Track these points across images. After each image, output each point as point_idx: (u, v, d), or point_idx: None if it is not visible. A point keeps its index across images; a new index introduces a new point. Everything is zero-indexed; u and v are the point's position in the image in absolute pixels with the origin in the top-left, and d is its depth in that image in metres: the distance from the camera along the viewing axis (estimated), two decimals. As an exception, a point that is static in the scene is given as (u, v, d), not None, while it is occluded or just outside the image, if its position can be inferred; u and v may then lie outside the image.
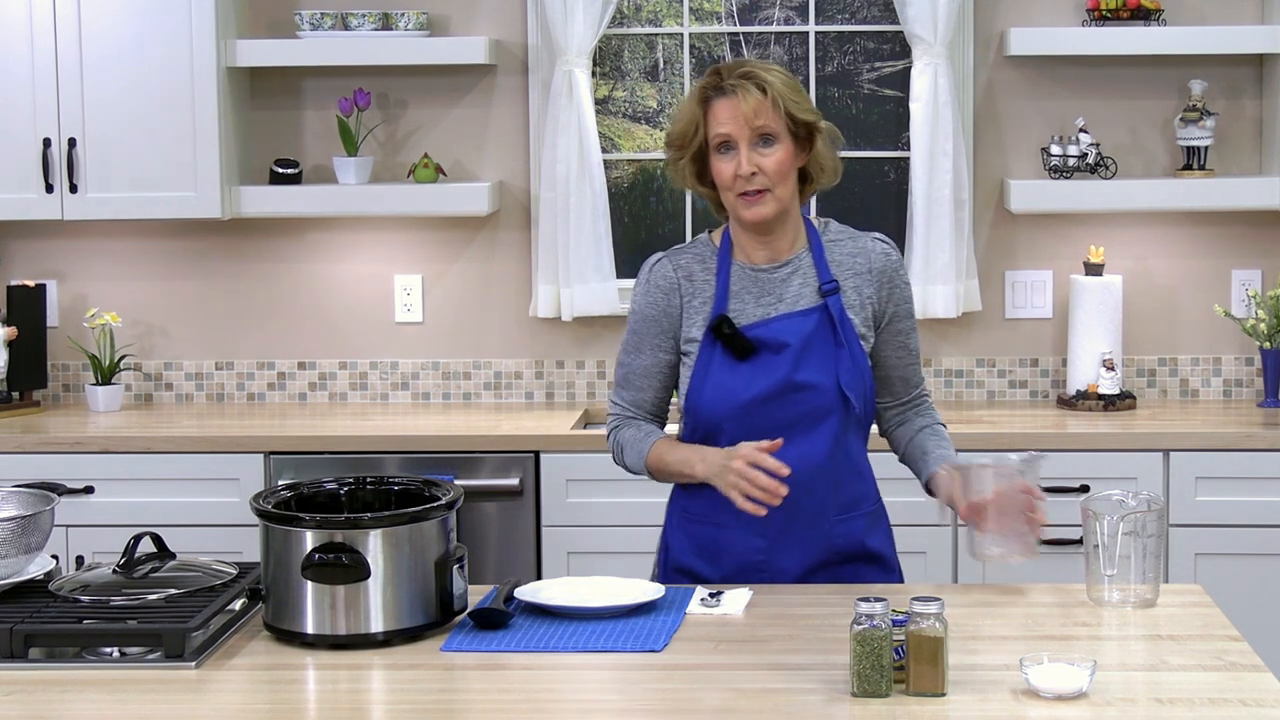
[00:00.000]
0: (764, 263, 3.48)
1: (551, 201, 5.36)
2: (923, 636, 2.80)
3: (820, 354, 3.43)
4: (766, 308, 3.46)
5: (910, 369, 3.58)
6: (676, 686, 2.88)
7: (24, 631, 3.01)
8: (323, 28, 5.35)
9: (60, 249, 5.59)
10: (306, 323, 5.59)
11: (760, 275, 3.48)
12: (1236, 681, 2.85)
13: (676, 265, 3.51)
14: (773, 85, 3.38)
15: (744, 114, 3.36)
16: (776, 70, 3.43)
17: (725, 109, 3.39)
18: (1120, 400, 5.25)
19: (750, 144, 3.38)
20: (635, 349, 3.54)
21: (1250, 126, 5.41)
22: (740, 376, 3.43)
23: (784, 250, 3.49)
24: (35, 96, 5.23)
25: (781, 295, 3.47)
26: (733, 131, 3.38)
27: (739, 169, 3.38)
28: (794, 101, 3.39)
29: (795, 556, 3.45)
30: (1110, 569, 3.22)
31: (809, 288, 3.47)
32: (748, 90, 3.37)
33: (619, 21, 5.51)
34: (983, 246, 5.47)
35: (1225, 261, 5.45)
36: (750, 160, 3.37)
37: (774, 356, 3.43)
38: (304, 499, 3.26)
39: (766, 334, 3.44)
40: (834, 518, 3.47)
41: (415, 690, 2.90)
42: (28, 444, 5.06)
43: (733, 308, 3.46)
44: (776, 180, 3.39)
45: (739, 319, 3.45)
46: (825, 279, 3.46)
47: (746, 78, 3.39)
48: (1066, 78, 5.41)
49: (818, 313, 3.45)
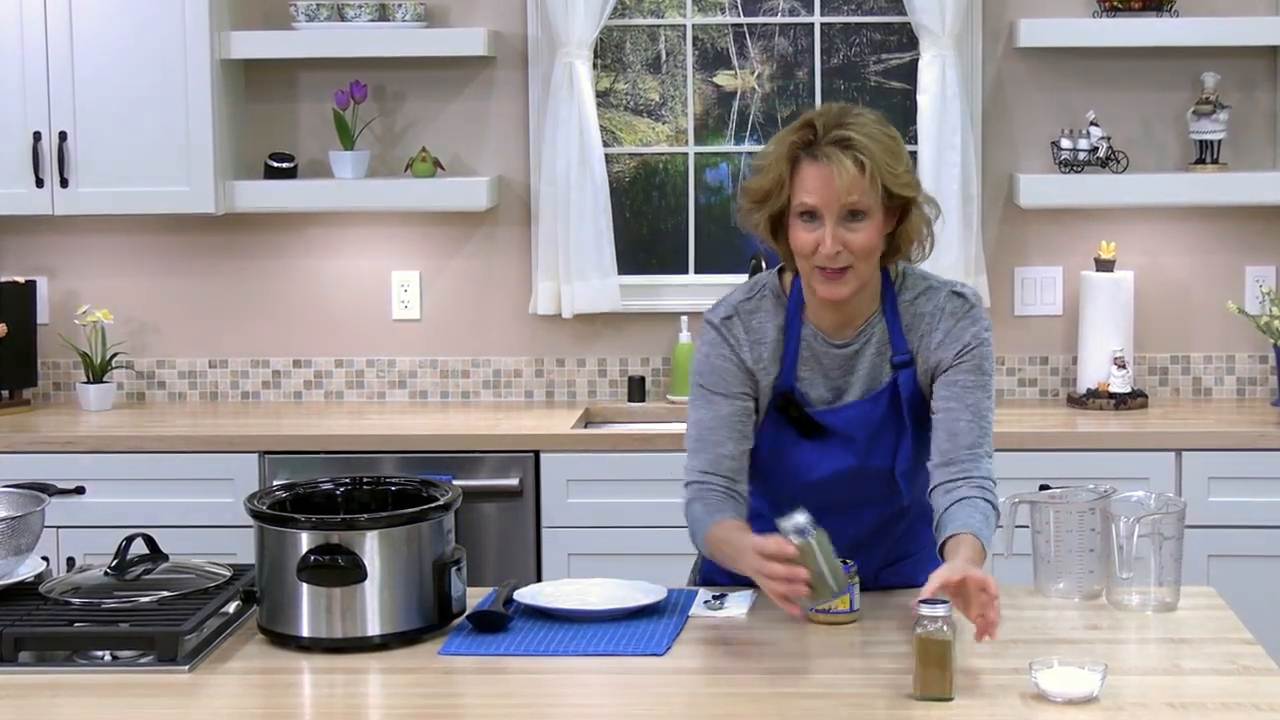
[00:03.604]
0: (835, 331, 3.26)
1: (552, 196, 5.36)
2: (930, 640, 2.79)
3: (887, 442, 3.27)
4: (837, 387, 3.27)
5: (965, 424, 3.20)
6: (679, 690, 2.88)
7: (14, 635, 3.00)
8: (319, 19, 5.35)
9: (51, 244, 5.58)
10: (302, 320, 5.59)
11: (832, 348, 3.27)
12: (1250, 686, 2.84)
13: (748, 326, 3.28)
14: (872, 156, 3.10)
15: (837, 191, 3.09)
16: (876, 130, 3.14)
17: (815, 178, 3.11)
18: (1132, 399, 5.24)
19: (839, 219, 3.11)
20: (707, 401, 3.27)
21: (1264, 120, 5.40)
22: (803, 456, 3.28)
23: (858, 317, 3.26)
24: (25, 89, 5.22)
25: (853, 368, 3.27)
26: (820, 205, 3.11)
27: (823, 246, 3.11)
28: (892, 174, 3.12)
29: None
30: (1126, 572, 3.20)
31: (882, 359, 3.26)
32: (843, 165, 3.09)
33: (620, 12, 5.51)
34: (991, 242, 5.46)
35: (1239, 257, 5.44)
36: (836, 238, 3.11)
37: (842, 443, 3.27)
38: (299, 499, 3.25)
39: (835, 423, 3.27)
40: (881, 565, 3.38)
41: (413, 694, 2.90)
42: (18, 443, 5.06)
43: (801, 377, 3.27)
44: (862, 258, 3.14)
45: (807, 392, 3.27)
46: (898, 350, 3.25)
47: (844, 146, 3.10)
48: (1077, 70, 5.40)
49: (887, 394, 3.26)
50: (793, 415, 3.25)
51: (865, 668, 2.97)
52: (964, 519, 3.12)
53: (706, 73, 5.53)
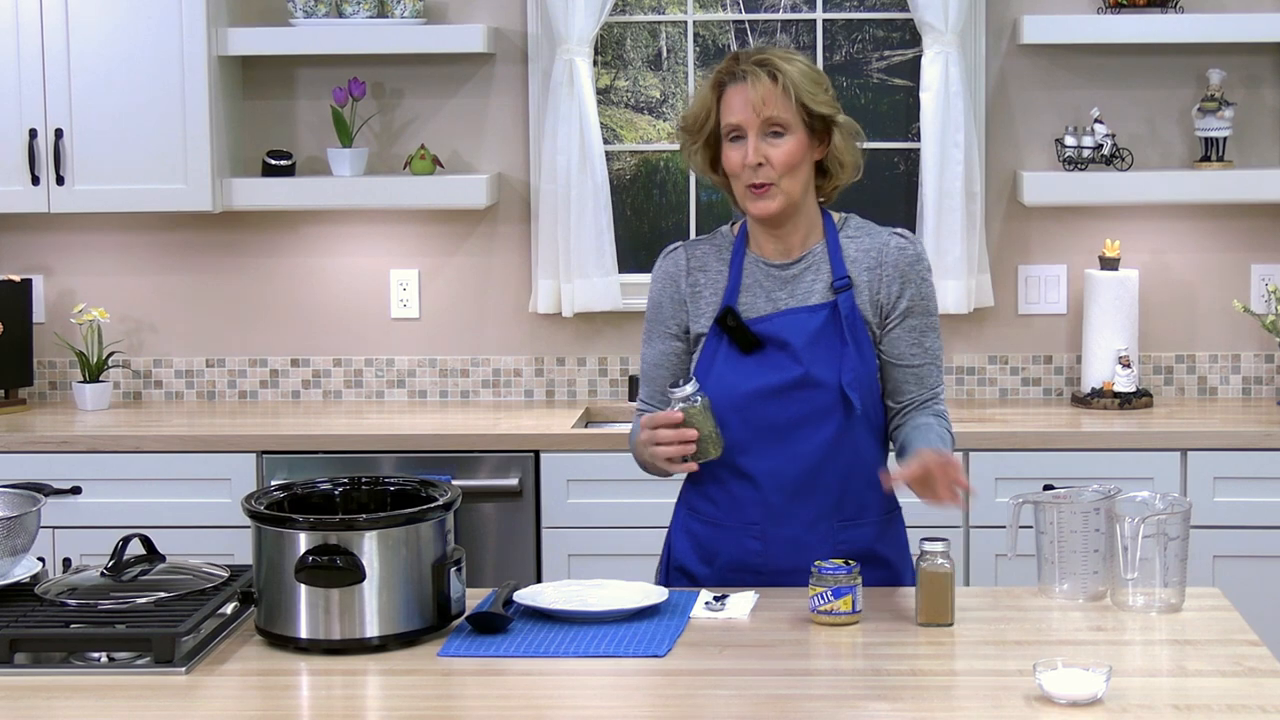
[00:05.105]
0: (776, 257, 3.45)
1: (552, 194, 5.35)
2: (933, 573, 3.12)
3: (826, 351, 3.39)
4: (776, 303, 3.43)
5: (925, 369, 3.44)
6: (680, 692, 2.88)
7: (9, 636, 2.99)
8: (317, 15, 5.35)
9: (47, 243, 5.58)
10: (300, 318, 5.58)
11: (772, 270, 3.44)
12: (1256, 687, 2.84)
13: (690, 255, 3.50)
14: (787, 74, 3.33)
15: (753, 102, 3.32)
16: (798, 59, 3.37)
17: (737, 96, 3.34)
18: (1136, 398, 5.24)
19: (759, 134, 3.33)
20: (648, 339, 3.55)
21: (1270, 117, 5.39)
22: (743, 370, 3.40)
23: (797, 246, 3.44)
24: (21, 86, 5.22)
25: (793, 291, 3.43)
26: (742, 120, 3.34)
27: (745, 158, 3.33)
28: (809, 92, 3.34)
29: (794, 559, 3.39)
30: (1131, 572, 3.20)
31: (821, 284, 3.42)
32: (759, 78, 3.32)
33: (621, 9, 5.51)
34: (995, 240, 5.46)
35: (1244, 256, 5.44)
36: (757, 151, 3.33)
37: (779, 352, 3.40)
38: (297, 500, 3.25)
39: (772, 329, 3.40)
40: (839, 523, 3.43)
41: (412, 696, 2.89)
42: (13, 443, 5.06)
43: (743, 301, 3.43)
44: (783, 172, 3.34)
45: (748, 313, 3.42)
46: (838, 275, 3.41)
47: (761, 65, 3.34)
48: (1081, 67, 5.39)
49: (827, 309, 3.40)
50: (730, 325, 3.40)
51: (866, 668, 2.97)
52: (924, 438, 3.34)
53: (708, 69, 5.48)
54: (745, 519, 3.40)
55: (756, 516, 3.40)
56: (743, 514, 3.39)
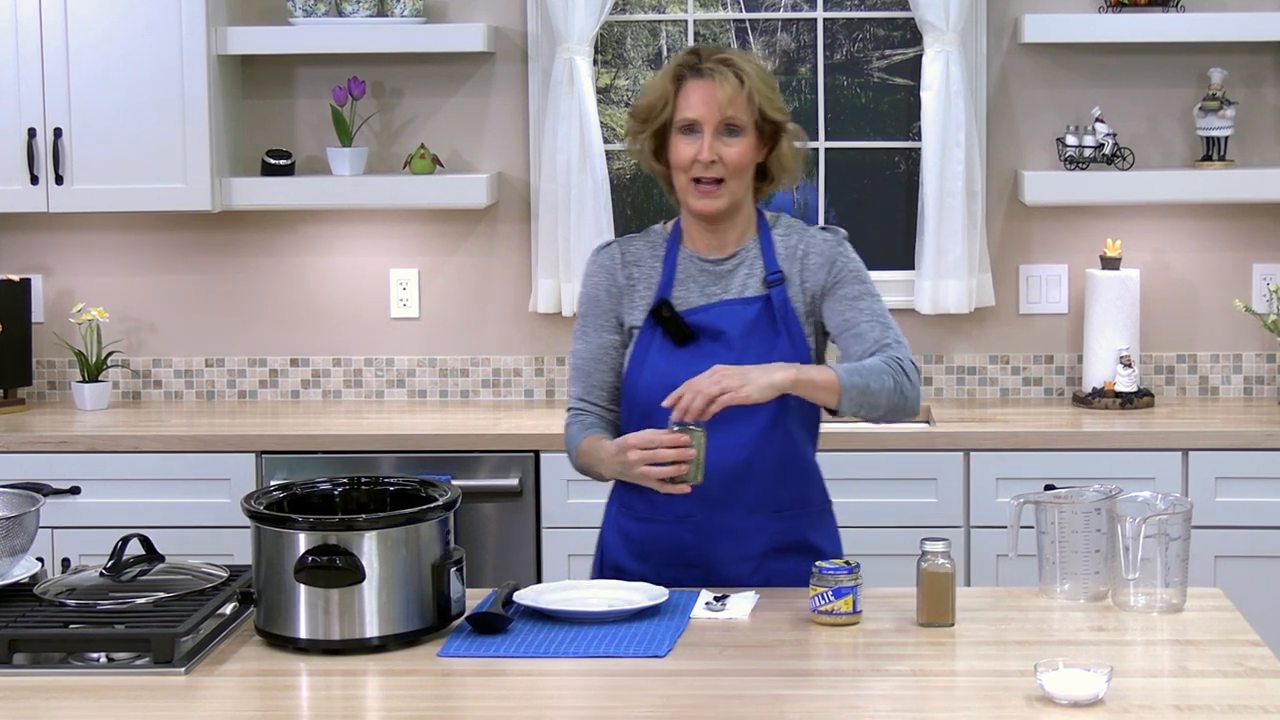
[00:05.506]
0: (710, 252, 3.51)
1: (552, 193, 5.35)
2: (933, 573, 3.12)
3: (760, 343, 3.45)
4: (710, 296, 3.49)
5: (865, 325, 3.44)
6: (680, 693, 2.87)
7: (8, 636, 2.99)
8: (316, 14, 5.34)
9: (46, 242, 5.57)
10: (299, 318, 5.57)
11: (707, 266, 3.51)
12: (1257, 688, 2.83)
13: (625, 250, 3.55)
14: (750, 77, 3.41)
15: (718, 101, 3.39)
16: (754, 62, 3.47)
17: (698, 92, 3.41)
18: (1138, 398, 5.22)
19: (716, 132, 3.40)
20: (582, 333, 3.56)
21: (1272, 116, 5.38)
22: (677, 361, 3.43)
23: (731, 242, 3.51)
24: (20, 85, 5.20)
25: (727, 286, 3.49)
26: (702, 116, 3.40)
27: (700, 154, 3.40)
28: (767, 98, 3.43)
29: (729, 550, 3.45)
30: (1132, 572, 3.19)
31: (755, 278, 3.49)
32: (725, 77, 3.40)
33: (621, 8, 5.50)
34: (996, 240, 5.45)
35: (1246, 255, 5.42)
36: (713, 148, 3.40)
37: (713, 344, 3.44)
38: (297, 500, 3.25)
39: (706, 320, 3.46)
40: (773, 513, 3.47)
41: (411, 697, 2.89)
42: (12, 443, 5.05)
43: (677, 294, 3.49)
44: (733, 172, 3.42)
45: (681, 305, 3.48)
46: (771, 270, 3.48)
47: (725, 64, 3.41)
48: (1082, 66, 5.39)
49: (760, 302, 3.47)
50: (665, 317, 3.44)
51: (867, 669, 2.97)
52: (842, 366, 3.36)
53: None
54: (679, 512, 3.42)
55: (690, 509, 3.41)
56: (676, 507, 3.40)
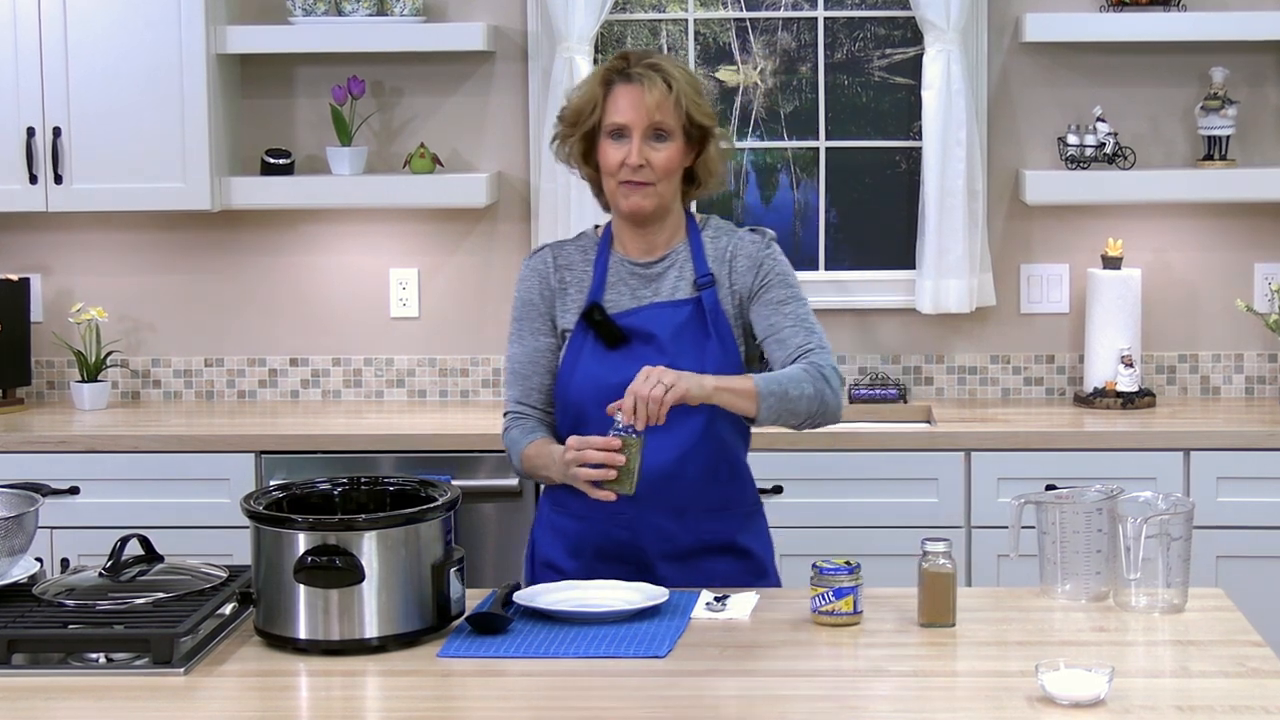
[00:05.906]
0: (640, 256, 3.56)
1: (552, 193, 5.34)
2: (934, 573, 3.13)
3: (691, 345, 3.48)
4: (641, 299, 3.54)
5: (789, 330, 3.48)
6: (681, 693, 2.87)
7: (7, 637, 2.99)
8: (316, 13, 5.33)
9: (45, 242, 5.57)
10: (299, 318, 5.56)
11: (637, 269, 3.55)
12: (1259, 689, 2.83)
13: (557, 254, 3.61)
14: (678, 82, 3.46)
15: (646, 105, 3.44)
16: (683, 68, 3.52)
17: (626, 97, 3.46)
18: (1139, 398, 5.22)
19: (644, 136, 3.45)
20: (518, 337, 3.61)
21: (1273, 115, 5.38)
22: (609, 364, 3.48)
23: (661, 245, 3.55)
24: (19, 84, 5.20)
25: (657, 289, 3.54)
26: (630, 121, 3.45)
27: (629, 158, 3.45)
28: (695, 103, 3.48)
29: (661, 546, 3.51)
30: (1134, 573, 3.19)
31: (685, 281, 3.53)
32: (653, 82, 3.45)
33: (621, 7, 5.50)
34: (997, 239, 5.44)
35: (1247, 254, 5.42)
36: (641, 152, 3.45)
37: (644, 346, 3.49)
38: (296, 500, 3.25)
39: (637, 322, 3.51)
40: (702, 513, 3.51)
41: (411, 697, 2.89)
42: (11, 443, 5.04)
43: (608, 298, 3.54)
44: (662, 176, 3.47)
45: (612, 308, 3.52)
46: (701, 273, 3.52)
47: (654, 69, 3.46)
48: (1084, 65, 5.38)
49: (691, 305, 3.51)
50: (596, 319, 3.49)
51: (867, 669, 2.97)
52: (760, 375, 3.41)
53: (708, 68, 5.50)
54: (612, 510, 3.44)
55: (623, 506, 3.42)
56: (609, 505, 3.40)
